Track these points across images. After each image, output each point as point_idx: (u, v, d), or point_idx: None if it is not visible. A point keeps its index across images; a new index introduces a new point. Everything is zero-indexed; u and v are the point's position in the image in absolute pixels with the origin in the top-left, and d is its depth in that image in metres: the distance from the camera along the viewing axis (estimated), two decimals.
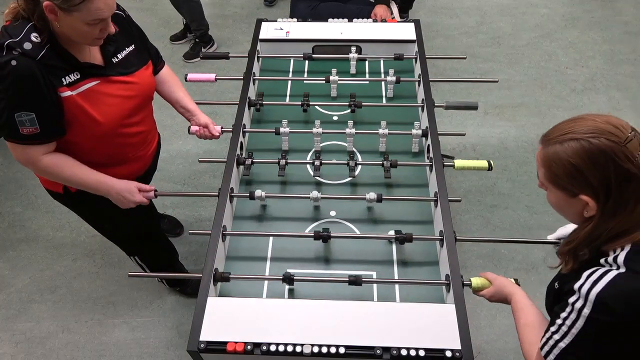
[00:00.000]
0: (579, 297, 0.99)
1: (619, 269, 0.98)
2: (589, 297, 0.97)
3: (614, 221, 0.99)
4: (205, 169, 2.93)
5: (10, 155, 1.47)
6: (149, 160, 1.80)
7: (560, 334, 1.03)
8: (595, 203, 0.98)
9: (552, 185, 1.03)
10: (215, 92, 3.34)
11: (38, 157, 1.43)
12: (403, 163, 1.71)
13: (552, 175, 1.01)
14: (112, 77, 1.48)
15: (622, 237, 1.00)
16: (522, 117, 3.17)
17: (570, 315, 1.01)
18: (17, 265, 2.53)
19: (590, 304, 0.97)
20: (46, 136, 1.40)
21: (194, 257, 2.52)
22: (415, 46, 2.13)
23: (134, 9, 3.22)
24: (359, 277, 1.39)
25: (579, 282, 1.00)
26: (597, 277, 0.98)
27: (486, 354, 2.16)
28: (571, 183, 0.99)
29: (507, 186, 2.79)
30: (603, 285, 0.97)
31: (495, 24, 3.96)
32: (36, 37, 1.31)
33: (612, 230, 1.00)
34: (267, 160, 1.73)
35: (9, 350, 2.23)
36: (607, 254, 1.02)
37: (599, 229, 1.00)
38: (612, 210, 0.98)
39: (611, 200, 0.96)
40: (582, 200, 0.99)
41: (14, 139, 1.39)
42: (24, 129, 1.35)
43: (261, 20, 2.27)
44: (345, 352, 1.21)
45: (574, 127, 0.99)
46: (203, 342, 1.24)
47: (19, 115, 1.33)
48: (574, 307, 1.00)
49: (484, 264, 2.45)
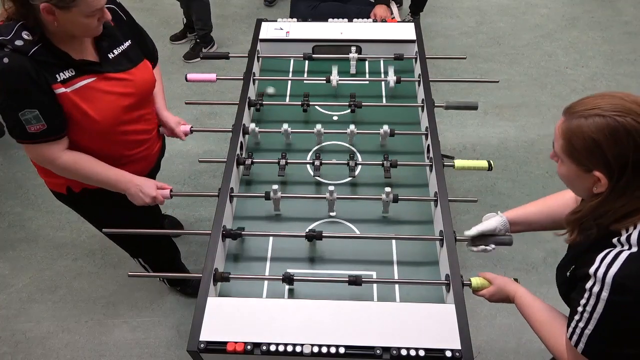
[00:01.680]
0: (595, 281, 1.00)
1: (630, 248, 0.99)
2: (606, 279, 0.98)
3: (621, 200, 0.99)
4: (205, 168, 2.93)
5: (11, 155, 1.47)
6: (154, 159, 1.79)
7: (583, 321, 1.04)
8: (608, 181, 0.98)
9: (568, 158, 1.03)
10: (215, 92, 3.34)
11: (55, 156, 1.43)
12: (403, 163, 1.71)
13: (570, 148, 1.01)
14: (107, 74, 1.47)
15: (631, 217, 1.01)
16: (522, 117, 3.17)
17: (589, 301, 1.02)
18: (17, 265, 2.53)
19: (607, 287, 0.98)
20: (55, 131, 1.40)
21: (194, 257, 2.52)
22: (415, 46, 2.13)
23: (134, 9, 3.21)
24: (359, 277, 1.38)
25: (594, 267, 1.00)
26: (611, 259, 0.99)
27: (486, 354, 2.16)
28: (588, 158, 0.99)
29: (507, 186, 2.79)
30: (618, 266, 0.97)
31: (495, 24, 3.97)
32: (27, 35, 1.31)
33: (620, 210, 1.00)
34: (268, 161, 1.73)
35: (9, 350, 2.23)
36: (619, 233, 1.03)
37: (605, 206, 1.01)
38: (622, 190, 0.98)
39: (623, 180, 0.97)
40: (595, 177, 0.99)
41: (24, 139, 1.39)
42: (31, 127, 1.35)
43: (261, 20, 2.26)
44: (345, 352, 1.21)
45: (601, 104, 0.98)
46: (203, 342, 1.24)
47: (22, 113, 1.33)
48: (591, 292, 1.01)
49: (484, 264, 2.45)
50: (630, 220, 1.01)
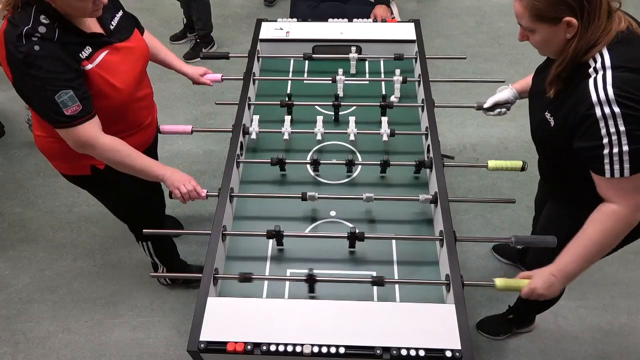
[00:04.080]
0: (601, 105, 1.11)
1: (607, 70, 1.14)
2: (609, 97, 1.11)
3: (590, 31, 1.15)
4: (205, 168, 2.93)
5: (11, 155, 1.48)
6: (155, 125, 1.87)
7: (615, 145, 1.13)
8: (576, 19, 1.14)
9: (538, 21, 1.18)
10: (215, 92, 3.34)
11: (95, 136, 1.46)
12: (401, 163, 1.71)
13: (536, 12, 1.17)
14: (116, 44, 1.54)
15: (596, 45, 1.17)
16: (522, 117, 3.15)
17: (608, 125, 1.12)
18: (17, 265, 2.53)
19: (615, 102, 1.11)
20: (88, 111, 1.44)
21: (194, 257, 2.52)
22: (415, 46, 2.14)
23: (134, 9, 3.22)
24: (382, 277, 1.38)
25: (592, 97, 1.13)
26: (601, 83, 1.13)
27: (486, 354, 2.16)
28: (554, 9, 1.15)
29: (507, 186, 2.79)
30: (611, 83, 1.12)
31: (495, 24, 3.97)
32: (45, 19, 1.36)
33: (589, 41, 1.16)
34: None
35: (9, 350, 2.23)
36: (588, 65, 1.18)
37: (582, 41, 1.16)
38: (588, 21, 1.14)
39: (585, 11, 1.13)
40: (564, 23, 1.15)
41: (63, 123, 1.42)
42: (67, 109, 1.39)
43: (261, 20, 2.27)
44: (345, 352, 1.21)
45: None
46: (203, 342, 1.24)
47: (58, 96, 1.36)
48: (605, 116, 1.11)
49: (484, 264, 2.45)
50: (595, 49, 1.17)
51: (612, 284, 2.37)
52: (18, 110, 3.28)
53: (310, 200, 1.57)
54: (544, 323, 2.23)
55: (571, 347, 2.17)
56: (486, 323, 2.20)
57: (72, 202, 2.79)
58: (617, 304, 2.30)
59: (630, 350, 2.16)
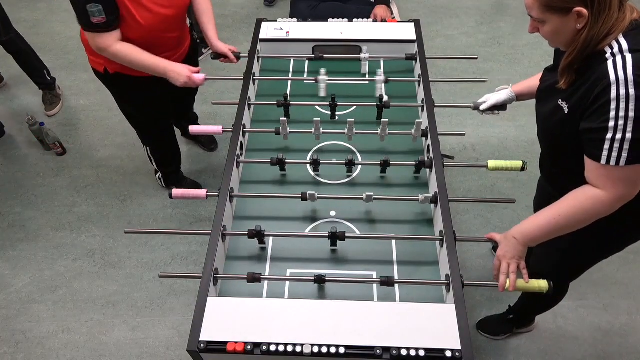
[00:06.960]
0: (618, 85, 1.09)
1: (624, 53, 1.12)
2: (628, 77, 1.09)
3: (601, 20, 1.13)
4: (205, 168, 2.93)
5: (11, 155, 1.48)
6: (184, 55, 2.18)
7: (620, 131, 1.11)
8: (587, 9, 1.12)
9: (548, 12, 1.17)
10: (215, 92, 3.34)
11: (108, 44, 1.79)
12: (402, 163, 1.71)
13: (546, 2, 1.16)
14: None
15: (611, 33, 1.15)
16: (522, 117, 3.17)
17: (619, 107, 1.10)
18: (17, 265, 2.53)
19: (632, 84, 1.09)
20: (111, 25, 1.75)
21: (194, 257, 2.52)
22: (415, 46, 2.13)
23: None
24: (391, 277, 1.39)
25: (610, 76, 1.11)
26: (620, 63, 1.11)
27: (486, 354, 2.16)
28: (564, 0, 1.14)
29: (507, 186, 2.79)
30: (631, 64, 1.10)
31: (495, 24, 3.96)
32: None
33: (603, 30, 1.14)
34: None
35: (9, 350, 2.23)
36: (604, 52, 1.16)
37: (593, 31, 1.14)
38: (598, 11, 1.12)
39: (596, 2, 1.11)
40: (575, 13, 1.13)
41: (88, 28, 1.75)
42: (94, 18, 1.70)
43: (261, 20, 2.27)
44: (345, 352, 1.21)
45: None
46: (203, 342, 1.24)
47: (90, 6, 1.67)
48: (619, 97, 1.09)
49: (484, 264, 2.45)
50: (611, 37, 1.15)
51: (612, 284, 2.37)
52: (18, 110, 3.28)
53: (310, 200, 1.57)
54: (544, 323, 2.23)
55: (571, 347, 2.17)
56: (486, 323, 2.20)
57: (72, 202, 2.79)
58: (617, 304, 2.30)
59: (630, 350, 2.16)
